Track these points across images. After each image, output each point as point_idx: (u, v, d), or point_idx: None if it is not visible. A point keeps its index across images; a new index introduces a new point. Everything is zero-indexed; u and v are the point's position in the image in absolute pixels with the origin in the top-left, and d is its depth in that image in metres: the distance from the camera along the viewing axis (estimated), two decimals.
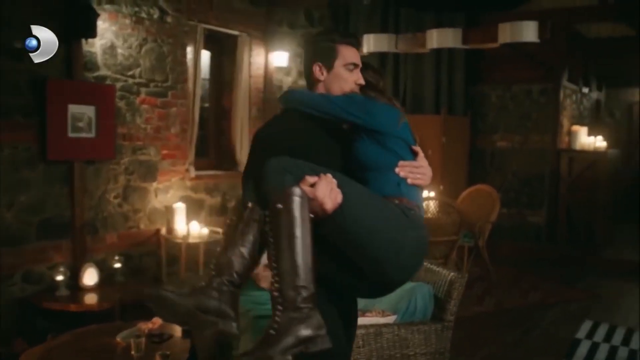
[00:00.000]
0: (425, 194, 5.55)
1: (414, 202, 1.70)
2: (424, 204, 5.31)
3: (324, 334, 1.50)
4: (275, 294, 1.50)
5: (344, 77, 1.84)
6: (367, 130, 1.73)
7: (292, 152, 1.64)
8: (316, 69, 1.84)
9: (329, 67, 1.84)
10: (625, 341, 4.46)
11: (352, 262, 1.59)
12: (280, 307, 1.49)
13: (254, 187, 1.66)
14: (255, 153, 1.78)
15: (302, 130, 1.76)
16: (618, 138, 10.80)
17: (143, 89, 4.84)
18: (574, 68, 8.01)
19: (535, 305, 5.38)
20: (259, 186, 1.61)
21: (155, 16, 4.87)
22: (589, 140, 7.31)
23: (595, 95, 9.57)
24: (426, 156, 1.89)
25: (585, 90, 8.55)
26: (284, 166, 1.58)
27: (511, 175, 7.50)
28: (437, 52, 6.85)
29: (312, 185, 1.53)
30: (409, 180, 1.72)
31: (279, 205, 1.51)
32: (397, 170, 1.72)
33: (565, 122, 7.47)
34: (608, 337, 4.53)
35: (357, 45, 1.90)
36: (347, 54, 1.85)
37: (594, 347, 4.34)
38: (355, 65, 1.85)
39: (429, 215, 5.23)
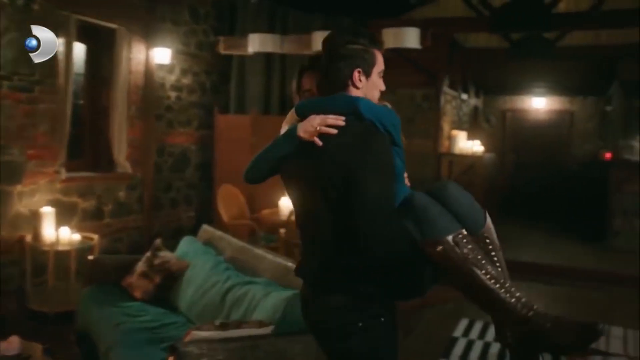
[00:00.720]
0: None
1: None
2: None
3: None
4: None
5: (377, 84, 1.86)
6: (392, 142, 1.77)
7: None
8: (356, 75, 1.80)
9: (368, 74, 1.83)
10: None
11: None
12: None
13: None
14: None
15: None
16: (493, 143, 11.48)
17: (5, 83, 4.42)
18: (454, 75, 8.38)
19: (414, 306, 5.52)
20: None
21: (20, 2, 4.47)
22: (467, 144, 7.68)
23: (473, 101, 10.09)
24: None
25: (465, 96, 8.97)
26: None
27: None
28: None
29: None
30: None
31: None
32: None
33: (445, 126, 7.79)
34: (482, 334, 4.73)
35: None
36: (381, 60, 1.86)
37: (469, 344, 4.51)
38: (383, 71, 1.87)
39: None
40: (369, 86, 1.82)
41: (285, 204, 5.39)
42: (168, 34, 5.98)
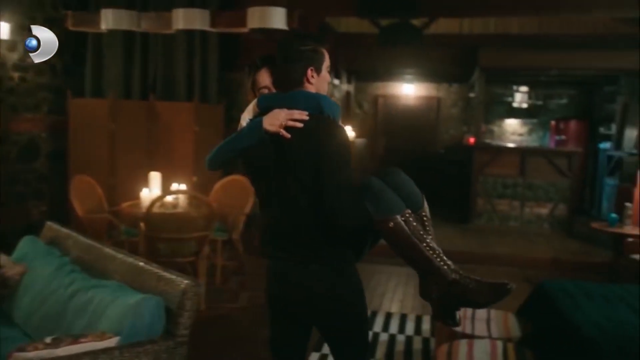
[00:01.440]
0: (175, 186, 5.16)
1: None
2: (173, 197, 4.95)
3: None
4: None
5: (326, 78, 2.14)
6: None
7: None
8: (309, 73, 2.06)
9: (319, 70, 2.10)
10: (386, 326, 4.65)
11: None
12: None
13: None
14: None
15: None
16: (366, 128, 11.64)
17: None
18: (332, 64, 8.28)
19: None
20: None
21: None
22: None
23: (345, 87, 10.10)
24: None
25: (337, 82, 8.93)
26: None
27: None
28: (190, 35, 6.46)
29: None
30: None
31: None
32: None
33: None
34: (402, 328, 4.65)
35: None
36: (327, 56, 2.13)
37: (392, 340, 4.38)
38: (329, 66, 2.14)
39: (179, 209, 4.86)
40: (319, 81, 2.11)
41: (147, 195, 4.99)
42: (8, 6, 5.30)
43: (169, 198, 4.85)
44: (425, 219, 2.15)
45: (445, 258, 2.02)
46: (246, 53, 7.49)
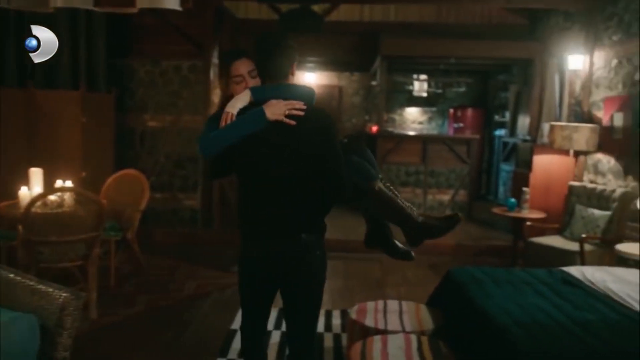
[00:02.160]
0: (59, 183, 4.66)
1: None
2: (57, 195, 4.46)
3: None
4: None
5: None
6: None
7: None
8: (293, 67, 2.36)
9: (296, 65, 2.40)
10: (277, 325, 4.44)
11: None
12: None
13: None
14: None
15: None
16: None
17: None
18: (225, 47, 7.94)
19: (191, 297, 5.04)
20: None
21: None
22: None
23: None
24: None
25: None
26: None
27: (164, 157, 7.06)
28: (73, 17, 5.90)
29: None
30: None
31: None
32: None
33: (216, 101, 7.32)
34: None
35: None
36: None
37: None
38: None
39: (65, 209, 4.38)
40: (296, 75, 2.40)
41: (26, 194, 4.47)
42: None
43: (52, 196, 4.36)
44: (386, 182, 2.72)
45: (413, 209, 2.71)
46: (138, 39, 7.02)
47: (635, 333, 2.77)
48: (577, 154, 6.43)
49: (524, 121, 8.58)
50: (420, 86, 10.76)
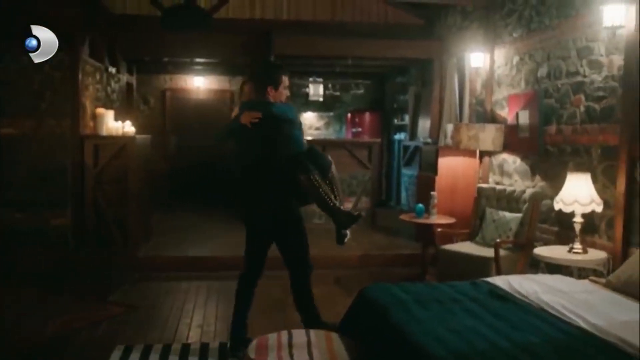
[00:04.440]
0: None
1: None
2: None
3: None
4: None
5: (282, 93, 3.73)
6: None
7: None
8: (269, 89, 3.67)
9: (277, 88, 3.69)
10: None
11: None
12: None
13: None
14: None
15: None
16: (153, 124, 10.45)
17: None
18: (99, 44, 7.02)
19: (54, 339, 4.11)
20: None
21: None
22: (116, 125, 6.41)
23: (126, 78, 8.83)
24: None
25: (113, 70, 7.67)
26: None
27: (25, 170, 6.00)
28: None
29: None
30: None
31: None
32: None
33: (88, 104, 6.39)
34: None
35: None
36: (286, 79, 3.76)
37: None
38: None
39: None
40: (276, 94, 3.68)
41: None
42: None
43: None
44: (333, 180, 3.69)
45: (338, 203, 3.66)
46: None
47: (588, 358, 2.33)
48: (482, 155, 6.18)
49: (424, 124, 8.33)
50: (316, 89, 10.29)
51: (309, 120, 11.18)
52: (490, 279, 3.56)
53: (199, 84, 10.83)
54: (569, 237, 4.41)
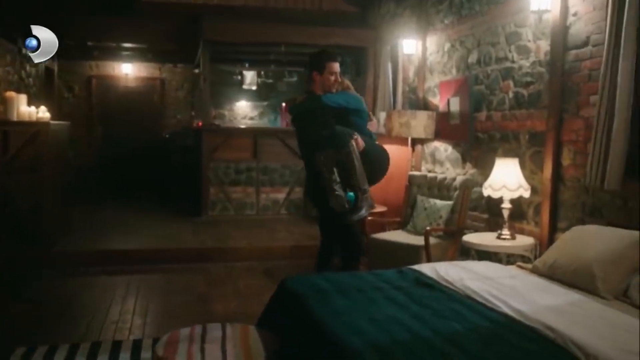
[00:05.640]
0: None
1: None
2: None
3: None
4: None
5: (327, 78, 4.04)
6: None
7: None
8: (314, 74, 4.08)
9: (322, 73, 4.04)
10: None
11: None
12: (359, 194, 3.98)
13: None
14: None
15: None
16: (79, 114, 9.94)
17: None
18: (10, 23, 6.53)
19: None
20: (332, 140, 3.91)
21: None
22: (30, 110, 5.97)
23: (46, 63, 8.31)
24: None
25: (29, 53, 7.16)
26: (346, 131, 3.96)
27: None
28: None
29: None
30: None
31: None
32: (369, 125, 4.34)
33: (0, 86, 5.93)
34: None
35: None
36: (332, 64, 4.06)
37: None
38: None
39: None
40: (322, 80, 4.05)
41: None
42: None
43: None
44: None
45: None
46: None
47: (512, 345, 2.23)
48: (414, 143, 6.10)
49: None
50: (250, 77, 10.01)
51: (243, 109, 10.90)
52: (417, 267, 3.44)
53: (127, 71, 10.35)
54: (498, 224, 4.37)
